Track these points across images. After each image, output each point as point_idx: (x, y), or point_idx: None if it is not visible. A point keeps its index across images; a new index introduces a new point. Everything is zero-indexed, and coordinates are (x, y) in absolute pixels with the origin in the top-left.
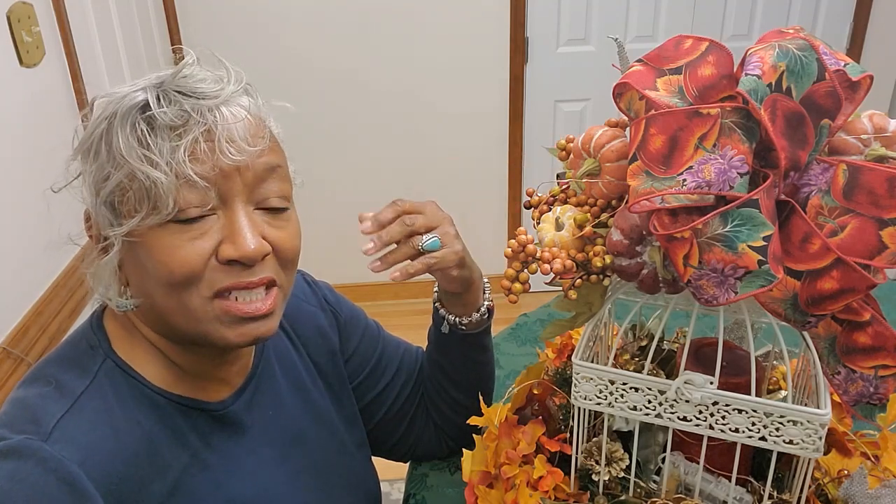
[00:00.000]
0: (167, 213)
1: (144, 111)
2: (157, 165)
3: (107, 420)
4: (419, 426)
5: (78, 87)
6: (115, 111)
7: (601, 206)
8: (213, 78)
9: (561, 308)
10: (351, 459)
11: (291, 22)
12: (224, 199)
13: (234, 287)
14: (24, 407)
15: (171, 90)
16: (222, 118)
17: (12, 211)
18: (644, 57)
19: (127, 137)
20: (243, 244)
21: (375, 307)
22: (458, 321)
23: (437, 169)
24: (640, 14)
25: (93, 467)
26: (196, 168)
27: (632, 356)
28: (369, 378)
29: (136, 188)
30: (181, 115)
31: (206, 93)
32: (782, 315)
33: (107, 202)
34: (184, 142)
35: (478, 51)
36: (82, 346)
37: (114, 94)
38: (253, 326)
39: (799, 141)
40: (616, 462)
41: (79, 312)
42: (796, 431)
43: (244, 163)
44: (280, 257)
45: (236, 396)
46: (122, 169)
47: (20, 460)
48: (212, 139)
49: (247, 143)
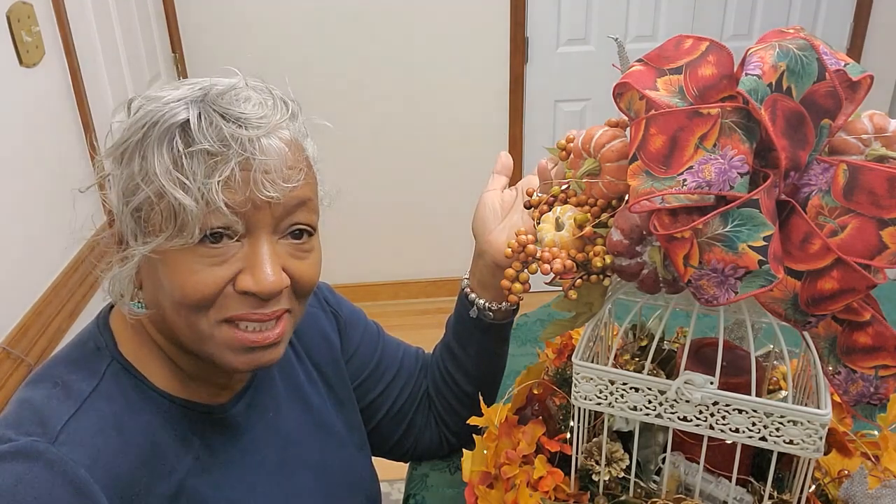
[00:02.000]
0: (191, 240)
1: (184, 130)
2: (189, 190)
3: (113, 423)
4: (419, 426)
5: (78, 87)
6: (155, 122)
7: (601, 206)
8: (258, 101)
9: (561, 308)
10: (351, 461)
11: (291, 22)
12: (250, 229)
13: (246, 318)
14: (31, 408)
15: (213, 110)
16: (261, 151)
17: (12, 211)
18: (644, 57)
19: (162, 155)
20: (263, 279)
21: (375, 307)
22: (489, 306)
23: (437, 169)
24: (640, 14)
25: (99, 470)
26: (227, 198)
27: (632, 356)
28: (369, 379)
29: (163, 207)
30: (221, 142)
31: (249, 120)
32: (782, 315)
33: (133, 214)
34: (219, 170)
35: (478, 51)
36: (89, 347)
37: (155, 98)
38: (259, 354)
39: (799, 141)
40: (616, 462)
41: (79, 312)
42: (796, 431)
43: (277, 200)
44: (297, 290)
45: (236, 400)
46: (152, 185)
47: (27, 462)
48: (248, 169)
49: (282, 177)
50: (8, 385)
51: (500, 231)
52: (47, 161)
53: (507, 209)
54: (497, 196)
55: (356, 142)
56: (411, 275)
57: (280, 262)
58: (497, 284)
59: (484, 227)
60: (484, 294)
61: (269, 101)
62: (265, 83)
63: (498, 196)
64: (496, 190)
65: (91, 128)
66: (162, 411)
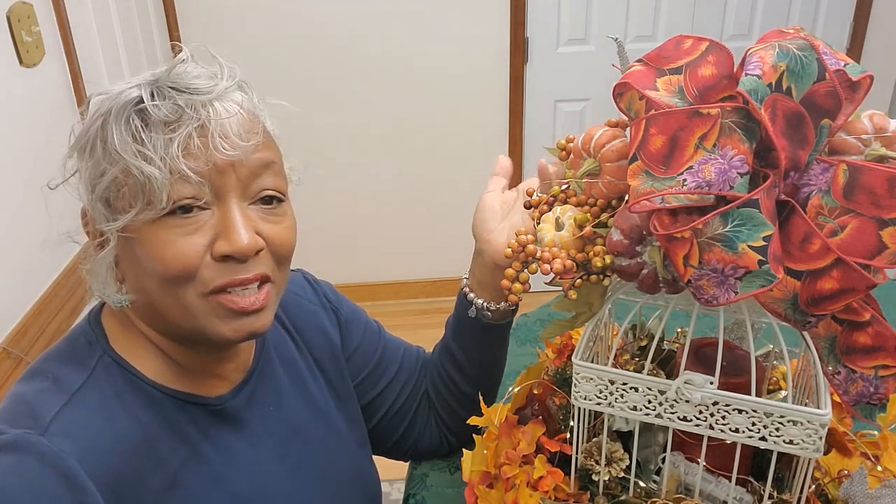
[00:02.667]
0: (161, 209)
1: (138, 106)
2: (151, 161)
3: (104, 414)
4: (419, 425)
5: (78, 86)
6: (111, 108)
7: (601, 206)
8: (207, 74)
9: (561, 308)
10: (352, 457)
11: (290, 22)
12: (218, 195)
13: (229, 285)
14: (23, 402)
15: (165, 86)
16: (215, 113)
17: (12, 211)
18: (644, 57)
19: (122, 133)
20: (237, 239)
21: (375, 307)
22: (487, 306)
23: (437, 169)
24: (640, 14)
25: (91, 461)
26: (190, 163)
27: (632, 356)
28: (370, 377)
29: (130, 184)
30: (175, 111)
31: (199, 88)
32: (782, 315)
33: (102, 198)
34: (177, 136)
35: (478, 51)
36: (80, 342)
37: (109, 91)
38: (247, 321)
39: (799, 141)
40: (616, 462)
41: (79, 312)
42: (796, 431)
43: (238, 158)
44: (274, 252)
45: (235, 392)
46: (116, 165)
47: (18, 454)
48: (205, 134)
49: (240, 138)
50: (8, 384)
51: (500, 231)
52: (47, 161)
53: (507, 210)
54: (497, 197)
55: (356, 140)
56: (411, 275)
57: (252, 225)
58: (496, 284)
59: (483, 228)
60: (483, 294)
61: (217, 72)
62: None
63: (498, 197)
64: (496, 191)
65: None
66: (155, 404)
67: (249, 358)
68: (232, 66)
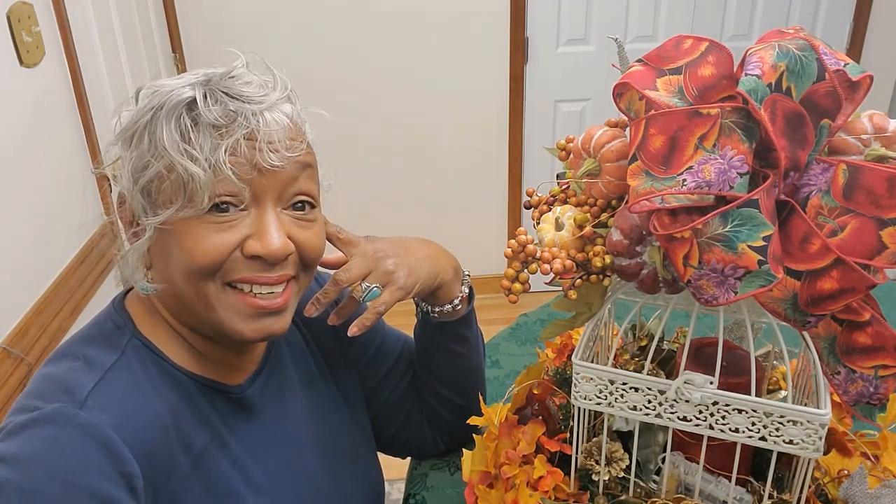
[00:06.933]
0: (201, 208)
1: (191, 108)
2: (197, 161)
3: (138, 391)
4: (416, 419)
5: (78, 87)
6: (162, 103)
7: (601, 206)
8: (259, 83)
9: (561, 308)
10: (357, 448)
11: (290, 23)
12: (256, 198)
13: (252, 280)
14: (55, 380)
15: (218, 90)
16: (265, 123)
17: (12, 210)
18: (644, 57)
19: (171, 130)
20: (270, 242)
21: None
22: (430, 309)
23: (437, 169)
24: (640, 14)
25: (128, 433)
26: (234, 168)
27: (632, 356)
28: (370, 365)
29: (173, 180)
30: (226, 115)
31: (251, 97)
32: (782, 315)
33: (144, 190)
34: (226, 142)
35: (478, 51)
36: (108, 326)
37: (161, 86)
38: (267, 322)
39: (799, 141)
40: (616, 462)
41: (79, 312)
42: (796, 431)
43: (281, 168)
44: (303, 257)
45: (251, 381)
46: (162, 160)
47: (58, 426)
48: (253, 140)
49: (286, 148)
50: (8, 385)
51: None
52: (47, 161)
53: None
54: None
55: (356, 141)
56: None
57: (285, 229)
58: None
59: None
60: (424, 300)
61: (269, 82)
62: (266, 62)
63: None
64: None
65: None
66: (181, 386)
67: (263, 348)
68: (283, 77)
